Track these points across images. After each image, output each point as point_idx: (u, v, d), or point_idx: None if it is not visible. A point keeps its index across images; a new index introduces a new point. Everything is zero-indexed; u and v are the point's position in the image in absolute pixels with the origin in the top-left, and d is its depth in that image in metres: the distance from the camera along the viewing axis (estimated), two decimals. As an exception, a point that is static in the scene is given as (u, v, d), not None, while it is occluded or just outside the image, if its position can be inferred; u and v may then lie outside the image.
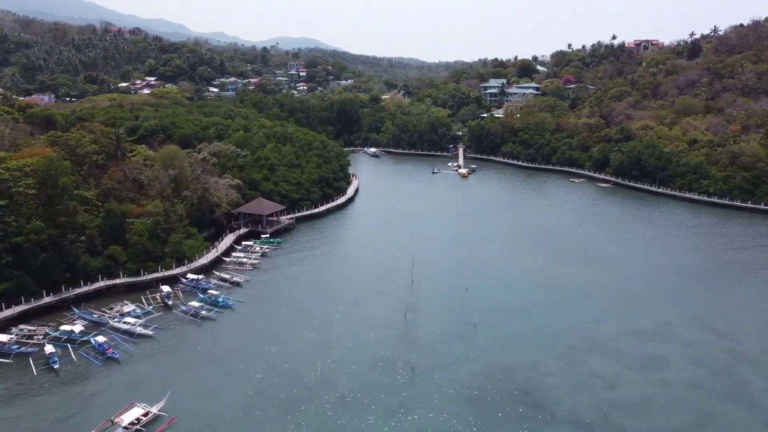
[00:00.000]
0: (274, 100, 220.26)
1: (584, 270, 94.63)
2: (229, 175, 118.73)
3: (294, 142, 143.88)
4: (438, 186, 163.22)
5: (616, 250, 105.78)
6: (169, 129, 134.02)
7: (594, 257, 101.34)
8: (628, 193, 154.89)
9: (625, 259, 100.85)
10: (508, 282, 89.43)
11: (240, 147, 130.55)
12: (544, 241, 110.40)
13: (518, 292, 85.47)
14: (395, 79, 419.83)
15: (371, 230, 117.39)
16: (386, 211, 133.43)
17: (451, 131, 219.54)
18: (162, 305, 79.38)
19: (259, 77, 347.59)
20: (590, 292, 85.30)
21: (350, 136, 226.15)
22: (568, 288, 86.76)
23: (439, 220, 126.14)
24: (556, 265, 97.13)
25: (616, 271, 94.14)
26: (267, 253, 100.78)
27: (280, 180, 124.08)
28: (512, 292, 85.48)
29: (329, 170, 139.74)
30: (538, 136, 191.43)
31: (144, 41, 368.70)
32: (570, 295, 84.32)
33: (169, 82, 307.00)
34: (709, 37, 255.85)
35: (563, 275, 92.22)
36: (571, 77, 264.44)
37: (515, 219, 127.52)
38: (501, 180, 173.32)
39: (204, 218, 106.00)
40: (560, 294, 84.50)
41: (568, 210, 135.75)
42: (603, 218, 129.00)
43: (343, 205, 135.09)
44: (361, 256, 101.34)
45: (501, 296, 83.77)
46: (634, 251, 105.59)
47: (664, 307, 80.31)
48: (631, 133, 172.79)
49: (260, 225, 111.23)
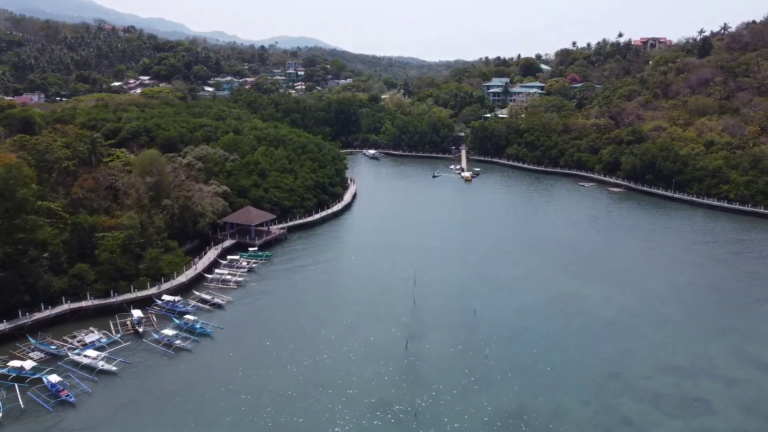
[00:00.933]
0: (270, 100, 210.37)
1: (605, 289, 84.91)
2: (215, 181, 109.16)
3: (287, 145, 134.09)
4: (440, 190, 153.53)
5: (637, 265, 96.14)
6: (152, 131, 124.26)
7: (614, 273, 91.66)
8: (642, 198, 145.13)
9: (649, 275, 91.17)
10: (520, 304, 79.76)
11: (229, 151, 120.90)
12: (558, 254, 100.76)
13: (533, 316, 75.79)
14: (395, 78, 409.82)
15: (369, 241, 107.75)
16: (385, 218, 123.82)
17: (453, 132, 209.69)
18: (132, 332, 69.79)
19: (256, 76, 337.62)
20: (615, 317, 75.61)
21: (348, 137, 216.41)
22: (590, 312, 77.06)
23: (443, 229, 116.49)
24: (573, 283, 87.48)
25: (641, 291, 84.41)
26: (254, 268, 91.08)
27: (271, 186, 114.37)
28: (526, 316, 75.80)
29: (325, 175, 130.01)
30: (544, 138, 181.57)
31: (138, 40, 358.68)
32: (592, 320, 74.63)
33: (163, 81, 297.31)
34: (720, 34, 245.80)
35: (583, 296, 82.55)
36: (577, 76, 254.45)
37: (524, 228, 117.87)
38: (506, 184, 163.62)
39: (186, 230, 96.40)
40: (581, 319, 74.79)
41: (580, 218, 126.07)
42: (619, 227, 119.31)
43: (340, 213, 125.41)
44: (357, 271, 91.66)
45: (514, 321, 74.12)
46: (657, 266, 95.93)
47: (700, 336, 70.61)
48: (643, 134, 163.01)
49: (248, 236, 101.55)
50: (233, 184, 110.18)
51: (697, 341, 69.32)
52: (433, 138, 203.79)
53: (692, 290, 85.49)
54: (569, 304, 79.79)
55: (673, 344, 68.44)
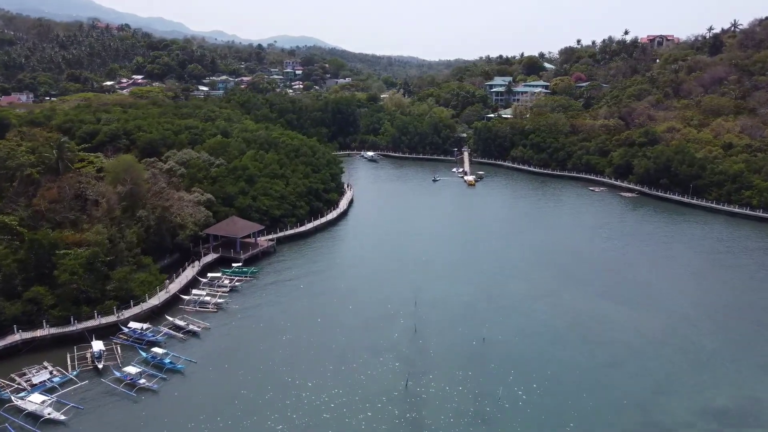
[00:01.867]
0: (264, 100, 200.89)
1: (627, 311, 75.53)
2: (198, 188, 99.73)
3: (279, 148, 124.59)
4: (442, 195, 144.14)
5: (659, 280, 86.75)
6: (133, 133, 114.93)
7: (635, 291, 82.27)
8: (657, 204, 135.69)
9: (673, 293, 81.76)
10: (535, 329, 70.35)
11: (215, 155, 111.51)
12: (571, 268, 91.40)
13: (550, 344, 66.37)
14: (395, 77, 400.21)
15: (366, 253, 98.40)
16: (384, 227, 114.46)
17: (455, 133, 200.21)
18: (92, 368, 60.47)
19: (252, 76, 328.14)
20: (642, 346, 66.15)
21: (346, 138, 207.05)
22: (614, 340, 67.63)
23: (446, 240, 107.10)
24: (591, 302, 78.11)
25: (667, 313, 75.00)
26: (238, 287, 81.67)
27: (259, 194, 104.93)
28: (542, 344, 66.40)
29: (319, 180, 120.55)
30: (551, 139, 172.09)
31: (132, 38, 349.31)
32: (617, 350, 65.20)
33: (157, 80, 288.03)
34: (730, 31, 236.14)
35: (603, 318, 73.17)
36: (582, 75, 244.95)
37: (533, 237, 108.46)
38: (512, 188, 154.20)
39: (163, 243, 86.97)
40: (605, 349, 65.35)
41: (593, 226, 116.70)
42: (634, 236, 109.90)
43: (335, 221, 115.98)
44: (352, 290, 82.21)
45: (529, 351, 64.71)
46: (681, 281, 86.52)
47: (744, 371, 61.15)
48: (656, 136, 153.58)
49: (233, 249, 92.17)
50: (218, 192, 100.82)
51: (739, 377, 59.91)
52: (434, 139, 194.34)
53: (724, 311, 76.09)
54: (589, 329, 70.38)
55: (713, 381, 59.03)
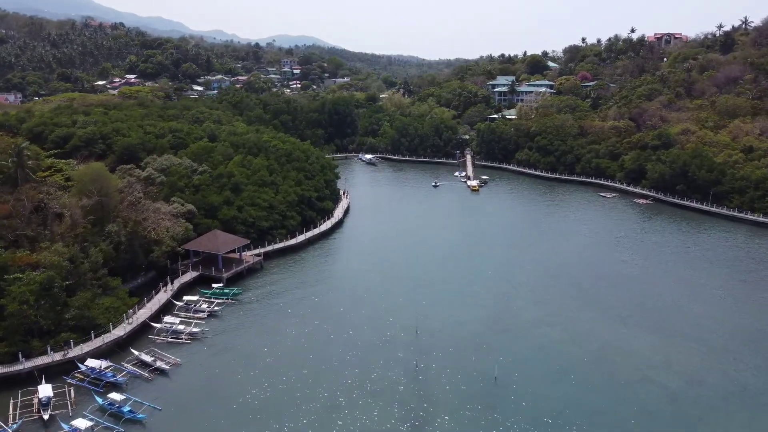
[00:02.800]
0: (258, 100, 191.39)
1: (656, 341, 66.18)
2: (178, 198, 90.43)
3: (269, 152, 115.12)
4: (444, 202, 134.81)
5: (688, 302, 77.42)
6: (110, 137, 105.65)
7: (664, 317, 72.92)
8: (674, 212, 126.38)
9: (707, 320, 72.32)
10: (554, 364, 61.02)
11: (198, 161, 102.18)
12: (589, 288, 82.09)
13: (572, 385, 57.05)
14: (394, 76, 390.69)
15: (362, 270, 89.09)
16: (382, 239, 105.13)
17: (456, 135, 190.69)
18: (38, 417, 51.22)
19: (249, 75, 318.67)
20: (679, 388, 56.78)
21: (343, 140, 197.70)
22: (645, 379, 58.25)
23: (449, 253, 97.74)
24: (614, 330, 68.82)
25: (703, 344, 65.64)
26: (217, 311, 72.36)
27: (245, 204, 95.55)
28: (563, 384, 57.09)
29: (312, 188, 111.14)
30: (558, 142, 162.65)
31: (126, 36, 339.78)
32: (651, 392, 55.82)
33: (150, 80, 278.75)
34: (742, 29, 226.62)
35: (630, 351, 63.84)
36: (588, 74, 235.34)
37: (544, 250, 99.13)
38: (518, 194, 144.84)
39: (136, 261, 77.68)
40: (636, 392, 55.97)
41: (606, 236, 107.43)
42: (653, 248, 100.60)
43: (329, 232, 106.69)
44: (346, 315, 72.96)
45: (549, 394, 55.37)
46: (714, 305, 77.12)
47: (802, 421, 52.04)
48: (670, 138, 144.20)
49: (214, 267, 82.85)
50: (200, 202, 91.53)
51: (798, 428, 50.77)
52: (435, 141, 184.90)
53: (765, 340, 66.92)
54: (616, 365, 61.06)
55: None
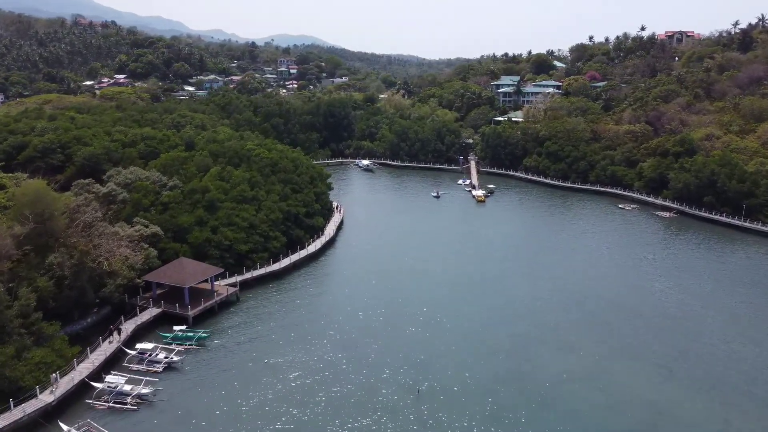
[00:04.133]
0: (248, 102, 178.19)
1: (720, 408, 52.78)
2: (142, 219, 77.26)
3: (252, 162, 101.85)
4: (448, 215, 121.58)
5: (744, 348, 64.16)
6: (71, 146, 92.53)
7: (720, 369, 59.70)
8: (702, 227, 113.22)
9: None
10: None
11: (168, 173, 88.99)
12: (620, 327, 68.84)
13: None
14: (394, 76, 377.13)
15: (354, 301, 75.87)
16: (378, 262, 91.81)
17: (460, 139, 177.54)
18: None
19: (243, 75, 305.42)
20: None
21: (339, 144, 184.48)
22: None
23: (454, 280, 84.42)
24: (663, 391, 55.49)
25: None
26: (177, 363, 59.17)
27: (221, 224, 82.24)
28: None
29: (300, 202, 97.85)
30: (570, 147, 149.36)
31: (116, 35, 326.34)
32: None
33: (140, 79, 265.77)
34: (760, 26, 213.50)
35: (686, 420, 50.66)
36: (596, 74, 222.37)
37: (564, 277, 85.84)
38: (528, 205, 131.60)
39: (84, 299, 64.58)
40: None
41: (632, 257, 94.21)
42: (688, 273, 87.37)
43: (318, 254, 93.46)
44: (332, 367, 59.68)
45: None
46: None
47: None
48: (694, 144, 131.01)
49: (180, 302, 69.67)
50: (168, 223, 78.35)
51: None
52: (437, 146, 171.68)
53: None
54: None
55: None
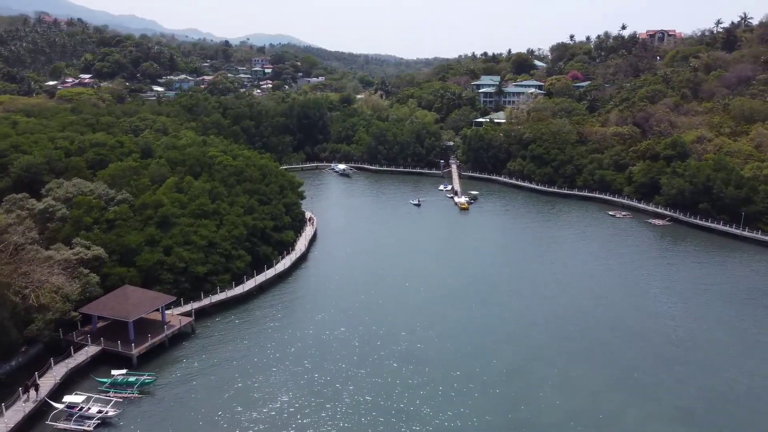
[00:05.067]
0: (217, 103, 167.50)
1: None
2: (83, 239, 67.02)
3: (215, 171, 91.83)
4: (430, 225, 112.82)
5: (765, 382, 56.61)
6: (8, 155, 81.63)
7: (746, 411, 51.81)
8: (698, 235, 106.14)
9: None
10: None
11: (117, 185, 78.67)
12: (630, 361, 60.61)
13: None
14: (371, 76, 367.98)
15: (325, 331, 66.43)
16: (355, 281, 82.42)
17: (440, 141, 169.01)
18: None
19: (215, 74, 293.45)
20: None
21: (314, 147, 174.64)
22: None
23: (440, 304, 75.40)
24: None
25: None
26: (113, 419, 49.26)
27: (176, 243, 72.22)
28: None
29: (268, 215, 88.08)
30: (556, 150, 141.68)
31: (82, 33, 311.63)
32: None
33: (107, 79, 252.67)
34: (743, 25, 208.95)
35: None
36: (579, 73, 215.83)
37: (557, 297, 77.49)
38: (514, 213, 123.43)
39: (6, 338, 54.29)
40: None
41: (629, 271, 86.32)
42: (691, 290, 79.67)
43: (288, 272, 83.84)
44: (302, 415, 50.41)
45: None
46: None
47: None
48: (686, 147, 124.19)
49: (122, 339, 59.67)
50: (114, 243, 68.21)
51: None
52: (417, 149, 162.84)
53: None
54: None
55: None
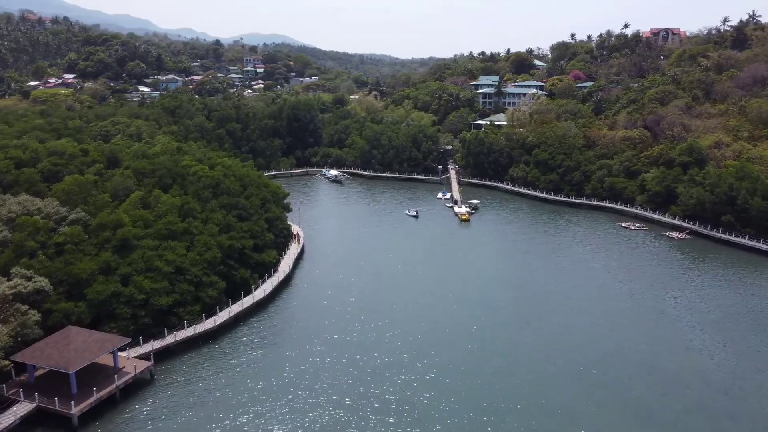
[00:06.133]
0: (201, 105, 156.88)
1: None
2: (23, 269, 56.60)
3: (188, 183, 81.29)
4: (429, 239, 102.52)
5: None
6: (-53, 167, 71.17)
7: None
8: (722, 251, 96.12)
9: None
10: None
11: (71, 202, 68.20)
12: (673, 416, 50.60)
13: None
14: (366, 75, 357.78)
15: (312, 376, 56.23)
16: (345, 310, 72.07)
17: (438, 145, 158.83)
18: None
19: (204, 74, 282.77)
20: None
21: (305, 151, 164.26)
22: None
23: (440, 339, 65.20)
24: None
25: None
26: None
27: (137, 270, 61.76)
28: None
29: (247, 233, 77.60)
30: (561, 155, 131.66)
31: (67, 32, 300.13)
32: None
33: (92, 79, 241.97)
34: (752, 23, 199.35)
35: None
36: (581, 73, 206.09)
37: (576, 330, 67.40)
38: (519, 224, 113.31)
39: None
40: None
41: (653, 296, 76.23)
42: (729, 321, 69.50)
43: (269, 298, 73.51)
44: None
45: None
46: None
47: None
48: (703, 154, 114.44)
49: (61, 394, 49.31)
50: (60, 272, 57.79)
51: None
52: (413, 154, 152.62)
53: None
54: None
55: None
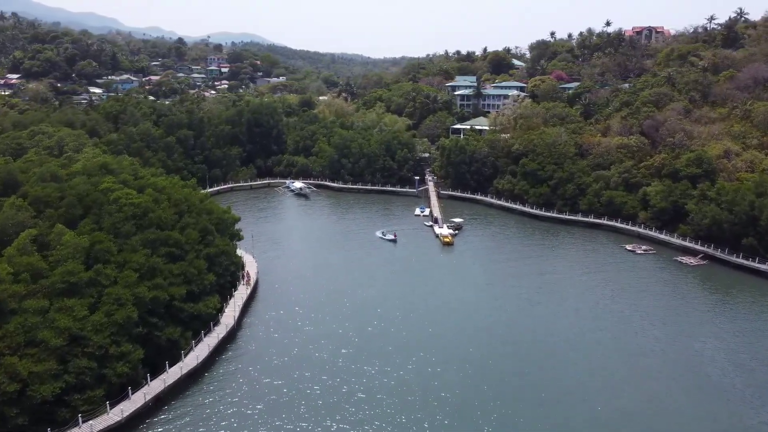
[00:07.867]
0: (150, 109, 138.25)
1: None
2: None
3: (104, 213, 63.57)
4: (407, 269, 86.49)
5: None
6: None
7: None
8: (746, 280, 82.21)
9: None
10: None
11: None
12: None
13: None
14: (337, 75, 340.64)
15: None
16: (301, 378, 55.72)
17: (414, 153, 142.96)
18: None
19: (162, 74, 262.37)
20: None
21: (267, 160, 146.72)
22: None
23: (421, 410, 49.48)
24: None
25: None
26: None
27: (8, 347, 44.17)
28: None
29: (179, 277, 60.23)
30: (552, 166, 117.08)
31: (13, 28, 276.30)
32: None
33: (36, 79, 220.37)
34: (740, 21, 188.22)
35: None
36: (563, 74, 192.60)
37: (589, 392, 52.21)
38: (507, 247, 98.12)
39: None
40: None
41: (678, 342, 61.60)
42: None
43: (206, 365, 56.61)
44: None
45: None
46: None
47: None
48: (713, 165, 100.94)
49: None
50: None
51: None
52: (387, 163, 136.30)
53: None
54: None
55: None
